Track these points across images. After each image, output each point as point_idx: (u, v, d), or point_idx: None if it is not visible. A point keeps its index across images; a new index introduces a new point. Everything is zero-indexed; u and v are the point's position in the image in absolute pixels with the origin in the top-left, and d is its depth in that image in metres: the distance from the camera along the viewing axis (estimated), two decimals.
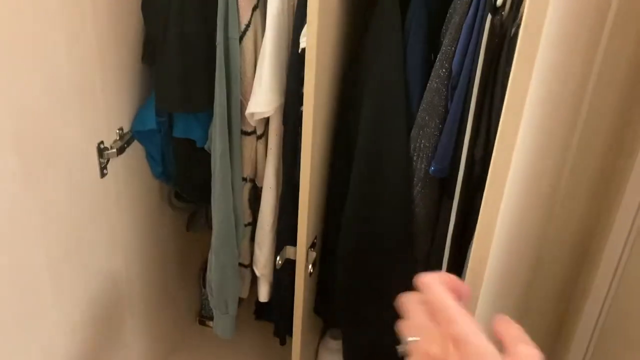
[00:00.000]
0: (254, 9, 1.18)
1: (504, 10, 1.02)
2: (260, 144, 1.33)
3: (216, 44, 1.16)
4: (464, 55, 1.04)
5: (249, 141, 1.31)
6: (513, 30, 1.02)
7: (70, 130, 1.10)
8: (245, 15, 1.17)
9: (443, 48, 1.05)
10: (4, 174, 0.94)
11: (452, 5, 1.06)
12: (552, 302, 1.23)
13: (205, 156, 1.30)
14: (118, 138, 1.26)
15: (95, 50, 1.13)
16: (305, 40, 1.03)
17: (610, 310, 1.12)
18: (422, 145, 1.12)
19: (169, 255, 1.65)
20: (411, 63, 1.11)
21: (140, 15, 1.28)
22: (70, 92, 1.08)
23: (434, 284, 0.47)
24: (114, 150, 1.23)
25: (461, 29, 1.03)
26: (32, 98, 0.98)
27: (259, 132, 1.31)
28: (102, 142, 1.20)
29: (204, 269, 1.87)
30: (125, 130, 1.29)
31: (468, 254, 1.17)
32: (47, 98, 1.02)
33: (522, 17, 1.02)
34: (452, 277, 0.49)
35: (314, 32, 1.00)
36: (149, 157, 1.42)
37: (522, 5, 1.02)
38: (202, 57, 1.21)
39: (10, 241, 0.98)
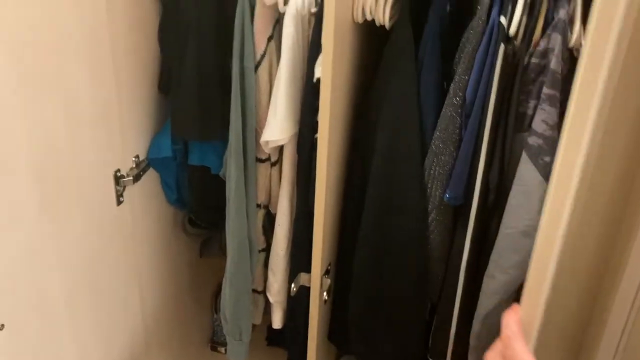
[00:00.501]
0: (269, 39, 1.20)
1: (516, 39, 1.03)
2: (275, 171, 1.34)
3: (232, 73, 1.17)
4: (478, 83, 1.05)
5: (264, 168, 1.32)
6: (526, 59, 1.03)
7: (87, 159, 1.12)
8: (260, 45, 1.19)
9: (456, 77, 1.06)
10: (24, 202, 0.95)
11: (464, 35, 1.07)
12: (568, 334, 1.22)
13: (220, 183, 1.31)
14: (134, 166, 1.28)
15: (113, 79, 1.15)
16: (320, 70, 1.05)
17: (628, 343, 1.10)
18: (436, 172, 1.12)
19: (183, 280, 1.66)
20: (424, 91, 1.12)
21: (157, 44, 1.31)
22: (88, 121, 1.10)
23: (515, 338, 0.50)
24: (130, 178, 1.24)
25: (474, 58, 1.04)
26: (52, 127, 1.00)
27: (273, 159, 1.32)
28: (118, 170, 1.22)
29: (216, 295, 1.87)
30: (142, 157, 1.31)
31: (482, 281, 1.17)
32: (65, 126, 1.03)
33: (535, 45, 1.03)
34: None
35: (329, 62, 1.01)
36: (164, 184, 1.43)
37: (534, 34, 1.04)
38: (218, 86, 1.23)
39: (27, 268, 0.99)
